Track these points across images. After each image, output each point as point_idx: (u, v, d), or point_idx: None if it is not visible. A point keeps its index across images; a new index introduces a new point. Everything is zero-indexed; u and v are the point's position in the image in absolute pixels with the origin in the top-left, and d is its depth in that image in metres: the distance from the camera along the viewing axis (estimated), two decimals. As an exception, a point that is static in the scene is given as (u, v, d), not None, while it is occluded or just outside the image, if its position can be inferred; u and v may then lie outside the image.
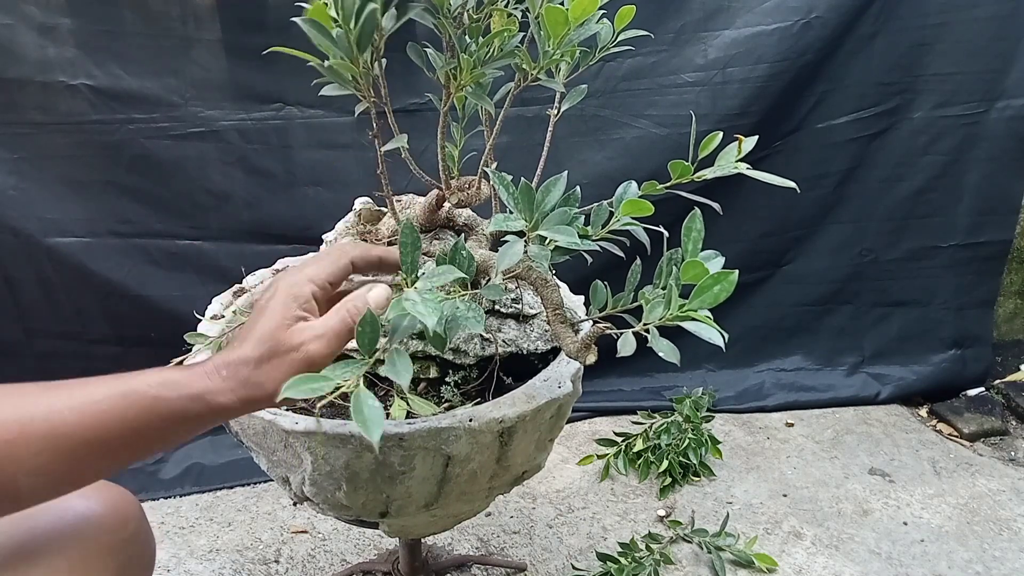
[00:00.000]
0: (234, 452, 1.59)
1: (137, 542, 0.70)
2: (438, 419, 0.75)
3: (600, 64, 0.98)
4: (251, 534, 1.42)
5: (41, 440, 0.52)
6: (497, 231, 0.75)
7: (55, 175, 1.51)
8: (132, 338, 1.62)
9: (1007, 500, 1.51)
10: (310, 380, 0.54)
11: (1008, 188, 1.77)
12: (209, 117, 1.54)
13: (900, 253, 1.83)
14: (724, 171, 0.68)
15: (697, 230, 0.60)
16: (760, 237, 1.81)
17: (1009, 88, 1.68)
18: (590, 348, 0.70)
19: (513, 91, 0.83)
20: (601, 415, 1.81)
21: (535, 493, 1.54)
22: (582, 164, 1.69)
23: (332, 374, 0.55)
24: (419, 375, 0.91)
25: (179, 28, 1.48)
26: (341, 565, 1.34)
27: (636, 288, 0.68)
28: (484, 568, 1.33)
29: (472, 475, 0.80)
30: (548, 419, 0.83)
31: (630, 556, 1.32)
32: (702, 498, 1.53)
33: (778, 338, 1.90)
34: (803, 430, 1.76)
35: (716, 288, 0.55)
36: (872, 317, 1.88)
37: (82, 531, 0.63)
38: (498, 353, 0.90)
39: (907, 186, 1.78)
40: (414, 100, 1.55)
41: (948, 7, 1.63)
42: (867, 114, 1.72)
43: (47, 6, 1.42)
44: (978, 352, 1.87)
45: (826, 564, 1.35)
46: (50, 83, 1.45)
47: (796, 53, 1.63)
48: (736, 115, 1.66)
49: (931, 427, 1.79)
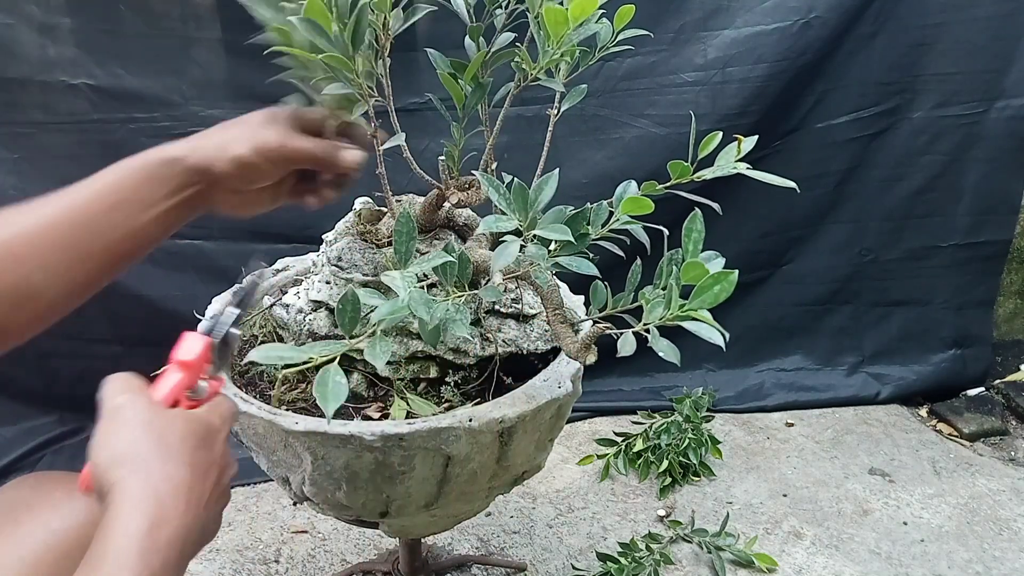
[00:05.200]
0: (234, 452, 1.59)
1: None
2: (438, 419, 0.75)
3: (600, 64, 0.98)
4: (251, 534, 1.42)
5: (37, 233, 0.59)
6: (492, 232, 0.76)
7: (55, 175, 1.50)
8: (132, 338, 1.62)
9: (1007, 500, 1.51)
10: (282, 350, 0.55)
11: (1008, 188, 1.77)
12: (209, 117, 1.54)
13: (900, 253, 1.82)
14: (724, 171, 0.68)
15: (698, 231, 0.60)
16: (760, 237, 1.81)
17: (1009, 88, 1.68)
18: (590, 348, 0.70)
19: (513, 91, 0.83)
20: (601, 415, 1.81)
21: (535, 493, 1.54)
22: (582, 164, 1.69)
23: (309, 350, 0.55)
24: (419, 375, 0.91)
25: (179, 28, 1.48)
26: (341, 565, 1.34)
27: (636, 288, 0.68)
28: (484, 568, 1.33)
29: (472, 475, 0.80)
30: (548, 419, 0.83)
31: (630, 556, 1.32)
32: (702, 498, 1.53)
33: (778, 338, 1.89)
34: (803, 430, 1.76)
35: (716, 288, 0.55)
36: (872, 317, 1.88)
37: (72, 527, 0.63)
38: (498, 353, 0.90)
39: (907, 186, 1.78)
40: (414, 100, 1.54)
41: (948, 7, 1.63)
42: (867, 114, 1.72)
43: (47, 6, 1.42)
44: (978, 352, 1.87)
45: (826, 564, 1.35)
46: (50, 83, 1.45)
47: (796, 53, 1.63)
48: (736, 115, 1.66)
49: (931, 427, 1.79)
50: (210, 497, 0.54)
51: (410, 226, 0.63)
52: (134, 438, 0.52)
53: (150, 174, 0.64)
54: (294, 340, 0.92)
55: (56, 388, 1.64)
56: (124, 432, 0.52)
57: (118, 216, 0.62)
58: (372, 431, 0.73)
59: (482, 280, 0.75)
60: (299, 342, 0.91)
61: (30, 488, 0.66)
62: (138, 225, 0.64)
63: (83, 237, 0.61)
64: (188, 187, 0.66)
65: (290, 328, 0.92)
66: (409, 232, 0.63)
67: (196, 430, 0.55)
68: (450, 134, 0.88)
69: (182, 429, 0.54)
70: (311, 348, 0.57)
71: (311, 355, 0.56)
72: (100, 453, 0.52)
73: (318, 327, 0.90)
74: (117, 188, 0.63)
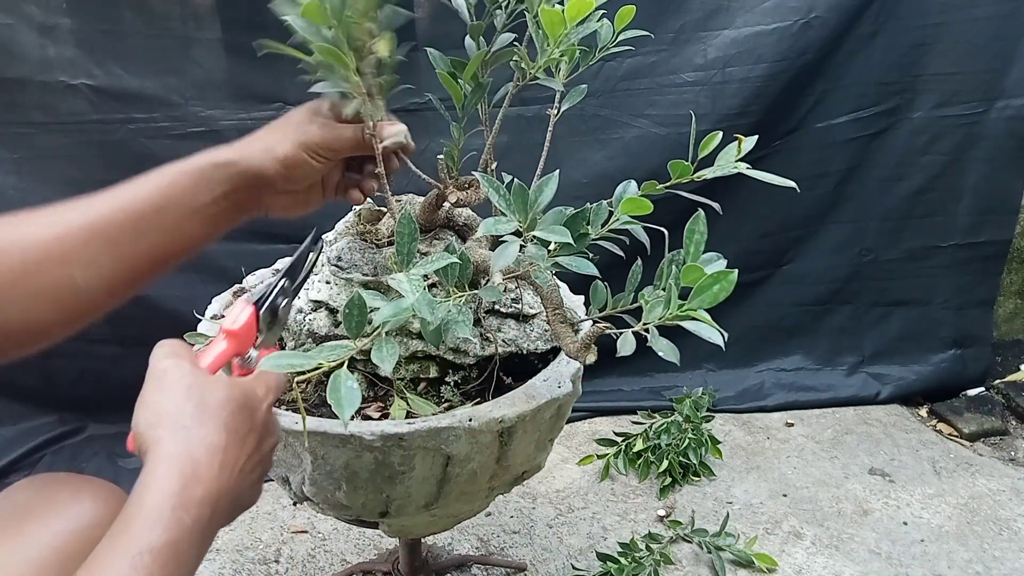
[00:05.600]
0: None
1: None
2: (438, 419, 0.75)
3: (600, 64, 0.98)
4: (251, 534, 1.42)
5: (85, 230, 0.59)
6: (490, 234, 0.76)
7: (55, 175, 1.51)
8: (132, 338, 1.62)
9: (1007, 500, 1.51)
10: (291, 357, 0.55)
11: (1008, 188, 1.77)
12: (209, 117, 1.54)
13: (900, 253, 1.82)
14: (724, 171, 0.68)
15: (700, 232, 0.60)
16: (760, 237, 1.81)
17: (1009, 88, 1.68)
18: (590, 348, 0.70)
19: (512, 91, 0.83)
20: (601, 415, 1.81)
21: (535, 493, 1.54)
22: (582, 164, 1.69)
23: (317, 355, 0.55)
24: (419, 375, 0.91)
25: (179, 28, 1.48)
26: (341, 565, 1.34)
27: (636, 288, 0.68)
28: (484, 568, 1.33)
29: (472, 475, 0.80)
30: (548, 419, 0.83)
31: (630, 556, 1.32)
32: (702, 498, 1.53)
33: (778, 338, 1.89)
34: (803, 430, 1.76)
35: (715, 288, 0.55)
36: (872, 317, 1.88)
37: (77, 530, 0.63)
38: (498, 353, 0.90)
39: (907, 186, 1.78)
40: (414, 100, 1.54)
41: (948, 7, 1.63)
42: (867, 114, 1.72)
43: (47, 6, 1.42)
44: (978, 352, 1.87)
45: (826, 564, 1.35)
46: (50, 83, 1.45)
47: (796, 53, 1.63)
48: (736, 115, 1.66)
49: (931, 427, 1.79)
50: (247, 462, 0.55)
51: (412, 227, 0.63)
52: (175, 400, 0.54)
53: (199, 177, 0.65)
54: (294, 340, 0.92)
55: (56, 388, 1.64)
56: (166, 394, 0.54)
57: (166, 218, 0.63)
58: (372, 431, 0.73)
59: (482, 280, 0.75)
60: (299, 342, 0.92)
61: (35, 490, 0.66)
62: (185, 227, 0.65)
63: (129, 237, 0.62)
64: (237, 191, 0.67)
65: (290, 328, 0.92)
66: (411, 233, 0.63)
67: (237, 396, 0.56)
68: (450, 134, 0.88)
69: (223, 394, 0.55)
70: (319, 352, 0.56)
71: (320, 360, 0.55)
72: (142, 414, 0.54)
73: (318, 327, 0.90)
74: (166, 190, 0.64)
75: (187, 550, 0.50)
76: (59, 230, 0.59)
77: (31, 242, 0.58)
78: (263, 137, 0.70)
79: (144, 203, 0.63)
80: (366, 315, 0.58)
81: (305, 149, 0.69)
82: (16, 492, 0.67)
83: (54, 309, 0.60)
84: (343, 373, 0.55)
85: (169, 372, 0.56)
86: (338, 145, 0.71)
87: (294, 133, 0.69)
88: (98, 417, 1.66)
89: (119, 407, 1.69)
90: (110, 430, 1.65)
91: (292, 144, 0.68)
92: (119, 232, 0.61)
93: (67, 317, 0.61)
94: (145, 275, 0.65)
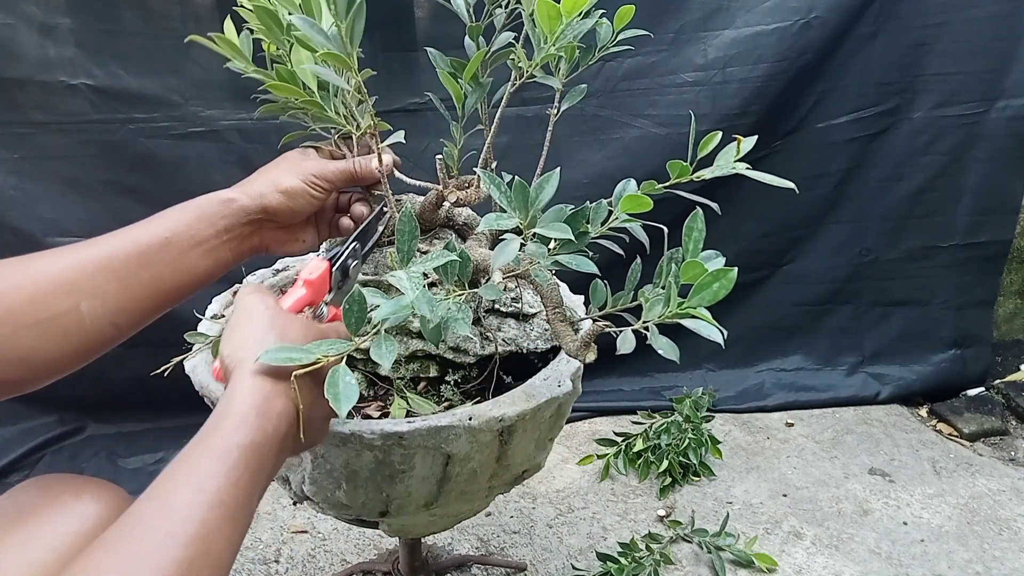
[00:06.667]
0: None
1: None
2: (438, 418, 0.75)
3: (600, 64, 0.98)
4: (251, 534, 1.42)
5: (93, 262, 0.64)
6: (492, 230, 0.76)
7: (55, 175, 1.51)
8: (132, 338, 1.62)
9: (1007, 500, 1.51)
10: (289, 350, 0.55)
11: (1008, 188, 1.77)
12: (209, 117, 1.54)
13: (900, 253, 1.82)
14: (723, 171, 0.68)
15: (698, 230, 0.60)
16: (760, 237, 1.81)
17: (1009, 88, 1.68)
18: (590, 347, 0.70)
19: (510, 89, 0.83)
20: (601, 415, 1.81)
21: (535, 493, 1.54)
22: (582, 164, 1.69)
23: (315, 349, 0.56)
24: (419, 374, 0.91)
25: (179, 28, 1.48)
26: (341, 565, 1.34)
27: (636, 287, 0.68)
28: (484, 568, 1.33)
29: (472, 474, 0.80)
30: (548, 418, 0.83)
31: (630, 556, 1.32)
32: (702, 498, 1.53)
33: (778, 338, 1.90)
34: (803, 430, 1.76)
35: (715, 286, 0.55)
36: (872, 317, 1.88)
37: (80, 531, 0.63)
38: (498, 352, 0.90)
39: (907, 186, 1.78)
40: (414, 100, 1.55)
41: (948, 7, 1.63)
42: (867, 114, 1.72)
43: (47, 6, 1.42)
44: (978, 352, 1.87)
45: (826, 564, 1.35)
46: (50, 83, 1.45)
47: (796, 53, 1.63)
48: (736, 115, 1.66)
49: (931, 427, 1.79)
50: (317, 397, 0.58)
51: (412, 225, 0.63)
52: (260, 330, 0.59)
53: (202, 211, 0.71)
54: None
55: (56, 388, 1.63)
56: (252, 325, 0.60)
57: (170, 250, 0.68)
58: (372, 430, 0.73)
59: (482, 279, 0.75)
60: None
61: (38, 491, 0.67)
62: (188, 259, 0.70)
63: (134, 268, 0.66)
64: (240, 226, 0.73)
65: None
66: (411, 231, 0.63)
67: (313, 335, 0.61)
68: (450, 134, 0.88)
69: (303, 329, 0.60)
70: (317, 347, 0.57)
71: (318, 355, 0.56)
72: (228, 342, 0.59)
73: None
74: (171, 224, 0.69)
75: (268, 456, 0.54)
76: (69, 262, 0.64)
77: (43, 273, 0.63)
78: (263, 174, 0.78)
79: (150, 236, 0.68)
80: (366, 312, 0.59)
81: (305, 180, 0.76)
82: (19, 493, 0.67)
83: (62, 340, 0.63)
84: (341, 368, 0.56)
85: (255, 306, 0.61)
86: (333, 176, 0.78)
87: (293, 168, 0.78)
88: (98, 417, 1.66)
89: (119, 407, 1.70)
90: (110, 430, 1.65)
91: (292, 177, 0.76)
92: (124, 263, 0.66)
93: (74, 348, 0.65)
94: (148, 309, 0.69)
